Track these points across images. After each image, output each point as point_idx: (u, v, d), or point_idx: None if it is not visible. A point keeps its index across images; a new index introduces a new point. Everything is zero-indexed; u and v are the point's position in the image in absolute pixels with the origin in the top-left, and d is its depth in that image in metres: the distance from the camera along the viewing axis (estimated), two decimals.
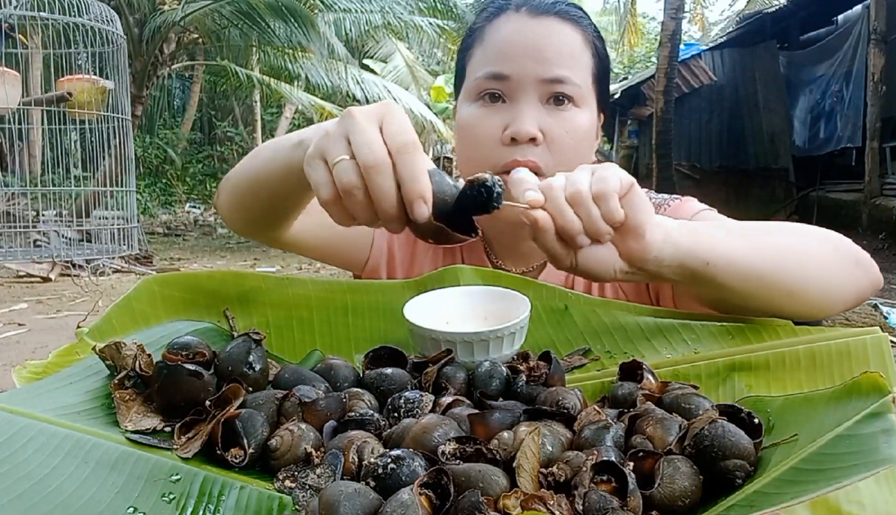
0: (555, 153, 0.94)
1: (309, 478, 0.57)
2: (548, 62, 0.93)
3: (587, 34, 0.98)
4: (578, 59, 0.96)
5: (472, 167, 0.98)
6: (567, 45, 0.95)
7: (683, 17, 11.50)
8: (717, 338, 0.78)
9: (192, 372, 0.65)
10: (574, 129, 0.95)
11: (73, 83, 5.32)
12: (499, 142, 0.94)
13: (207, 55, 12.24)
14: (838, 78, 10.47)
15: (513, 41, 0.96)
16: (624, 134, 14.33)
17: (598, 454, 0.54)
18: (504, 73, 0.94)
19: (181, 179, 17.03)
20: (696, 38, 17.97)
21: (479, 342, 0.78)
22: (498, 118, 0.95)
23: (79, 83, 5.33)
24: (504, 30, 0.97)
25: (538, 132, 0.93)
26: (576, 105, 0.95)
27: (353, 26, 11.12)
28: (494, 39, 0.98)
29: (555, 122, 0.94)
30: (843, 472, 0.48)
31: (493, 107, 0.96)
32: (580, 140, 0.96)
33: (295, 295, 0.91)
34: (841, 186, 10.60)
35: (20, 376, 0.71)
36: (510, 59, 0.95)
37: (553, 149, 0.94)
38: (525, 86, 0.94)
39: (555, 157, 0.94)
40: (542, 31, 0.95)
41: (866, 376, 0.57)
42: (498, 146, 0.94)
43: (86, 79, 5.44)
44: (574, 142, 0.95)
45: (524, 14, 0.97)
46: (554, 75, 0.93)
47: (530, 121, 0.92)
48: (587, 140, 0.98)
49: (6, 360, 3.73)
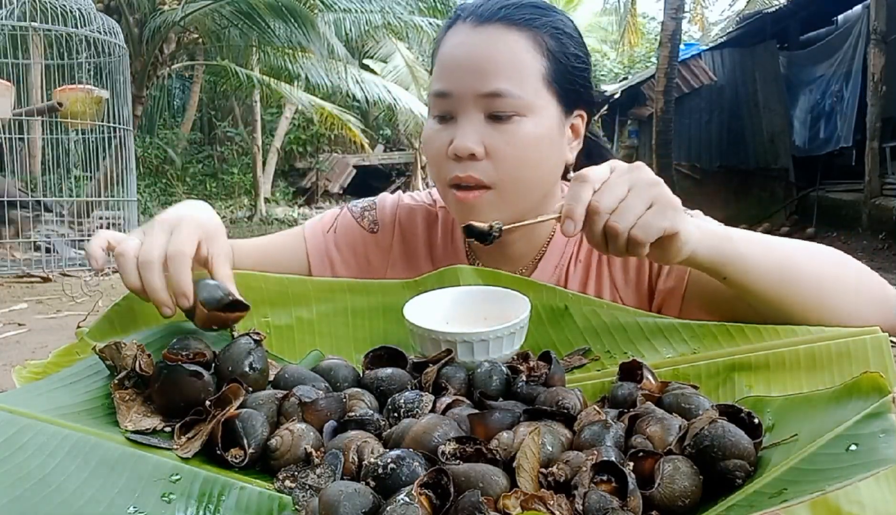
0: (499, 165, 0.93)
1: (309, 478, 0.57)
2: (485, 76, 0.91)
3: (538, 35, 0.94)
4: (522, 67, 0.92)
5: (433, 177, 1.01)
6: (508, 55, 0.92)
7: (683, 17, 11.50)
8: (717, 338, 0.78)
9: (193, 373, 0.65)
10: (519, 140, 0.92)
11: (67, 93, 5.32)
12: (446, 158, 0.95)
13: (207, 55, 12.24)
14: (838, 78, 10.46)
15: (455, 56, 0.95)
16: (624, 134, 14.32)
17: (598, 454, 0.54)
18: (446, 90, 0.94)
19: (181, 179, 17.03)
20: (696, 38, 17.97)
21: (479, 342, 0.78)
22: (445, 135, 0.95)
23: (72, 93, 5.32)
24: (450, 43, 0.97)
25: (477, 148, 0.92)
26: (521, 115, 0.92)
27: (353, 26, 11.10)
28: (442, 54, 0.98)
29: (498, 136, 0.92)
30: (843, 472, 0.48)
31: (443, 125, 0.96)
32: (527, 149, 0.93)
33: (295, 295, 0.91)
34: (841, 186, 10.58)
35: (20, 376, 0.71)
36: (451, 76, 0.94)
37: (497, 163, 0.93)
38: (465, 102, 0.93)
39: (499, 169, 0.93)
40: (481, 43, 0.93)
41: (866, 376, 0.57)
42: (446, 161, 0.95)
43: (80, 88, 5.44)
44: (520, 153, 0.93)
45: (468, 25, 0.95)
46: (491, 89, 0.91)
47: (469, 137, 0.92)
48: (538, 146, 0.94)
49: (6, 360, 3.73)
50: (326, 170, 19.29)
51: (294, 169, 19.82)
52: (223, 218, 11.49)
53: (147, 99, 10.60)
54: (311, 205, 17.93)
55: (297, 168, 19.77)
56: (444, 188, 0.98)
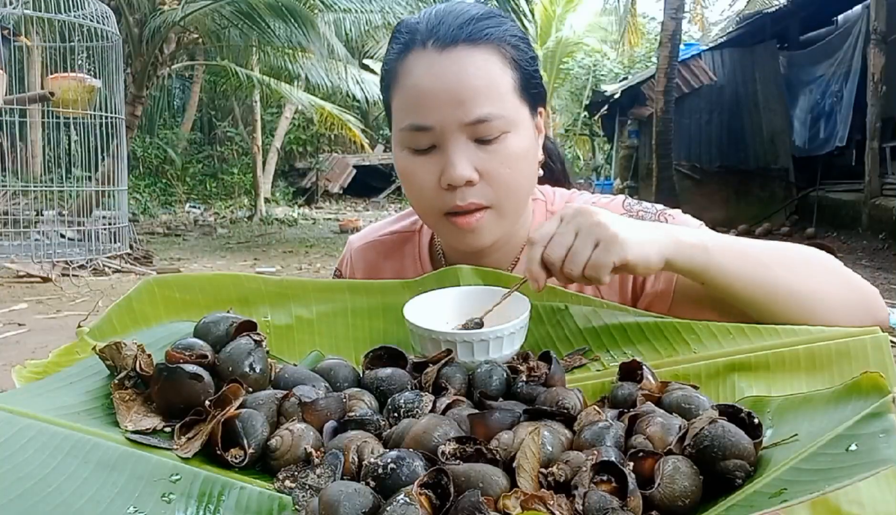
0: (496, 186, 0.93)
1: (309, 478, 0.57)
2: (466, 104, 0.89)
3: (502, 49, 0.93)
4: (497, 85, 0.92)
5: (419, 208, 1.00)
6: (481, 78, 0.90)
7: (683, 17, 11.50)
8: (717, 338, 0.78)
9: (193, 375, 0.65)
10: (510, 158, 0.92)
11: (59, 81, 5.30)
12: (437, 188, 0.93)
13: (207, 55, 12.23)
14: (838, 78, 10.46)
15: (426, 88, 0.91)
16: (624, 134, 14.32)
17: (598, 454, 0.54)
18: (425, 124, 0.91)
19: (181, 179, 17.03)
20: (696, 38, 17.96)
21: (479, 342, 0.78)
22: (432, 165, 0.93)
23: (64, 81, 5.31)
24: (416, 73, 0.92)
25: (473, 174, 0.91)
26: (506, 132, 0.92)
27: (353, 26, 11.09)
28: (408, 86, 0.93)
29: (489, 157, 0.92)
30: (843, 472, 0.48)
31: (424, 157, 0.94)
32: (519, 165, 0.94)
33: (295, 295, 0.91)
34: (841, 186, 10.58)
35: (20, 376, 0.71)
36: (428, 109, 0.91)
37: (493, 184, 0.92)
38: (449, 131, 0.90)
39: (496, 190, 0.93)
40: (453, 69, 0.90)
41: (866, 376, 0.57)
42: (438, 192, 0.93)
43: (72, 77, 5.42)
44: (513, 171, 0.93)
45: (432, 50, 0.91)
46: (475, 117, 0.90)
47: (463, 165, 0.90)
48: (527, 158, 0.95)
49: (6, 360, 3.73)
50: (326, 170, 19.29)
51: (294, 169, 19.82)
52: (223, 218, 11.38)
53: (147, 99, 10.60)
54: (311, 205, 17.94)
55: (297, 168, 19.77)
56: (436, 218, 0.97)
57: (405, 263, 1.13)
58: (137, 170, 15.61)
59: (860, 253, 8.27)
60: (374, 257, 1.15)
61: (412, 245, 1.14)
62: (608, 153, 17.69)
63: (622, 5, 16.94)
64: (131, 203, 6.34)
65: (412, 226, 1.16)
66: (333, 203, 18.98)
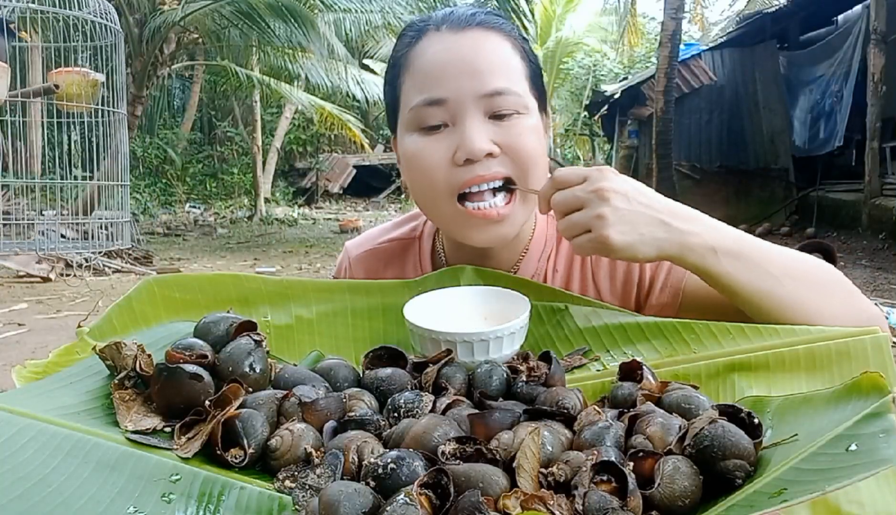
0: (516, 160, 0.90)
1: (309, 478, 0.57)
2: (483, 76, 0.89)
3: (514, 39, 0.94)
4: (512, 66, 0.92)
5: (428, 195, 0.94)
6: (498, 55, 0.91)
7: (683, 17, 11.50)
8: (717, 338, 0.78)
9: (193, 375, 0.65)
10: (524, 136, 0.91)
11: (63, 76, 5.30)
12: (451, 165, 0.90)
13: (207, 55, 12.24)
14: (838, 78, 10.46)
15: (442, 61, 0.91)
16: (624, 134, 14.32)
17: (598, 454, 0.54)
18: (440, 96, 0.89)
19: (181, 179, 17.04)
20: (696, 38, 17.95)
21: (479, 342, 0.78)
22: (445, 143, 0.90)
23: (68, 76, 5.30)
24: (430, 52, 0.92)
25: (492, 146, 0.89)
26: (520, 113, 0.91)
27: (353, 26, 11.10)
28: (422, 64, 0.92)
29: (504, 132, 0.90)
30: (842, 472, 0.48)
31: (437, 135, 0.91)
32: (534, 146, 0.92)
33: (295, 295, 0.91)
34: (841, 186, 10.58)
35: (20, 376, 0.71)
36: (444, 81, 0.90)
37: (513, 157, 0.90)
38: (465, 104, 0.89)
39: (517, 164, 0.90)
40: (469, 45, 0.91)
41: (866, 376, 0.57)
42: (451, 169, 0.90)
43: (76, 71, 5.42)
44: (530, 148, 0.91)
45: (447, 32, 0.92)
46: (492, 88, 0.89)
47: (481, 138, 0.88)
48: (540, 143, 0.94)
49: (6, 360, 3.73)
50: (326, 170, 19.30)
51: (294, 169, 19.83)
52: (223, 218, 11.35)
53: (147, 99, 10.60)
54: (311, 205, 17.95)
55: (297, 168, 19.79)
56: (447, 201, 0.92)
57: (406, 270, 1.11)
58: (137, 170, 15.59)
59: (860, 253, 8.27)
60: (375, 265, 1.13)
61: (413, 251, 1.12)
62: (608, 153, 17.69)
63: (622, 5, 16.94)
64: (131, 203, 6.33)
65: (412, 232, 1.14)
66: (333, 203, 18.99)
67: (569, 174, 0.81)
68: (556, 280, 1.03)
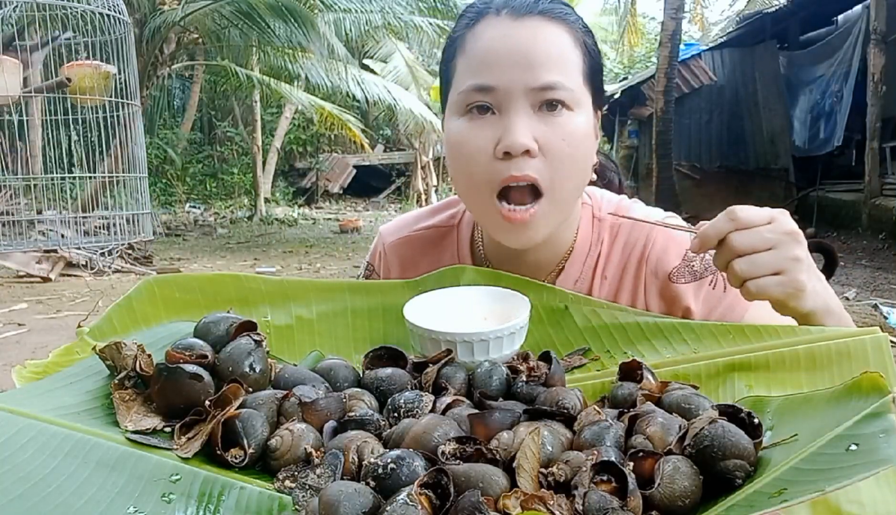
0: (552, 162, 0.88)
1: (309, 478, 0.57)
2: (536, 68, 0.87)
3: (575, 31, 0.92)
4: (568, 59, 0.90)
5: (468, 185, 0.93)
6: (555, 47, 0.89)
7: (683, 17, 11.50)
8: (717, 338, 0.78)
9: (193, 375, 0.65)
10: (570, 135, 0.89)
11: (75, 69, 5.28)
12: (492, 157, 0.89)
13: (207, 55, 12.23)
14: (838, 78, 10.46)
15: (496, 49, 0.89)
16: (624, 134, 14.32)
17: (598, 454, 0.54)
18: (490, 84, 0.88)
19: (181, 179, 17.02)
20: (696, 38, 17.95)
21: (479, 342, 0.79)
22: (489, 131, 0.89)
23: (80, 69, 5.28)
24: (486, 37, 0.91)
25: (532, 143, 0.87)
26: (569, 109, 0.89)
27: (353, 26, 11.09)
28: (477, 48, 0.91)
29: (549, 130, 0.88)
30: (843, 472, 0.48)
31: (482, 121, 0.90)
32: (578, 145, 0.90)
33: (295, 295, 0.91)
34: (841, 186, 10.59)
35: (20, 376, 0.71)
36: (495, 69, 0.88)
37: (550, 159, 0.88)
38: (514, 96, 0.88)
39: (552, 167, 0.89)
40: (526, 35, 0.89)
41: (866, 376, 0.57)
42: (491, 161, 0.89)
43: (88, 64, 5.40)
44: (571, 149, 0.89)
45: (506, 17, 0.90)
46: (544, 82, 0.87)
47: (523, 132, 0.87)
48: (585, 143, 0.92)
49: (6, 360, 3.73)
50: (326, 170, 19.29)
51: (294, 169, 19.82)
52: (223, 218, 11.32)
53: (147, 99, 10.60)
54: (311, 205, 17.95)
55: (297, 168, 19.78)
56: (487, 196, 0.90)
57: (443, 259, 1.08)
58: None
59: (860, 253, 8.27)
60: (411, 253, 1.10)
61: (451, 240, 1.10)
62: (608, 153, 17.67)
63: (622, 5, 16.94)
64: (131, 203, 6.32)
65: (450, 220, 1.11)
66: (333, 203, 18.99)
67: (752, 214, 0.78)
68: (605, 288, 1.01)
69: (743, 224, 0.77)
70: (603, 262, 1.02)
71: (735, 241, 0.76)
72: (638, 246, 1.00)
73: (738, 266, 0.76)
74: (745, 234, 0.77)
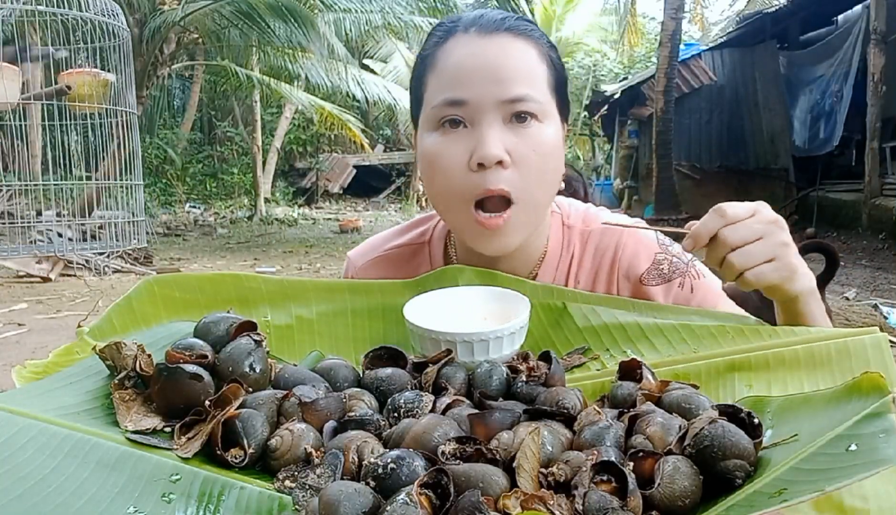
0: (523, 172, 0.91)
1: (309, 478, 0.57)
2: (505, 82, 0.91)
3: (541, 46, 0.96)
4: (535, 73, 0.93)
5: (444, 196, 0.95)
6: (523, 61, 0.93)
7: (683, 17, 11.50)
8: (717, 338, 0.78)
9: (193, 375, 0.65)
10: (540, 145, 0.92)
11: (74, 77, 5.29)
12: (466, 169, 0.91)
13: (207, 55, 12.23)
14: (838, 78, 10.46)
15: (467, 64, 0.92)
16: (624, 134, 14.31)
17: (598, 454, 0.54)
18: (462, 98, 0.91)
19: (181, 179, 17.02)
20: (696, 38, 17.94)
21: (479, 342, 0.79)
22: (462, 144, 0.91)
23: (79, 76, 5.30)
24: (456, 53, 0.94)
25: (505, 154, 0.90)
26: (539, 120, 0.92)
27: (353, 26, 11.09)
28: (448, 65, 0.94)
29: (520, 141, 0.91)
30: (843, 472, 0.48)
31: (455, 134, 0.92)
32: (547, 155, 0.93)
33: (295, 295, 0.91)
34: (841, 186, 10.58)
35: (20, 376, 0.71)
36: (466, 84, 0.91)
37: (521, 169, 0.91)
38: (485, 109, 0.90)
39: (524, 176, 0.91)
40: (495, 50, 0.92)
41: (866, 376, 0.57)
42: (466, 174, 0.91)
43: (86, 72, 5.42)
44: (542, 159, 0.92)
45: (474, 35, 0.94)
46: (514, 95, 0.90)
47: (495, 143, 0.89)
48: (555, 153, 0.95)
49: (6, 360, 3.73)
50: (326, 170, 19.29)
51: (294, 169, 19.82)
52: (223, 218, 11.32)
53: (147, 99, 10.60)
54: (311, 205, 17.95)
55: (297, 168, 19.78)
56: (463, 207, 0.93)
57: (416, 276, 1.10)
58: None
59: (860, 253, 8.27)
60: (382, 274, 1.11)
61: (423, 257, 1.12)
62: (608, 153, 17.69)
63: (622, 5, 16.94)
64: (131, 202, 6.32)
65: (420, 237, 1.14)
66: (333, 203, 18.99)
67: (738, 209, 0.81)
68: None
69: (731, 219, 0.80)
70: (575, 268, 1.06)
71: (728, 237, 0.79)
72: (609, 251, 1.04)
73: (735, 259, 0.79)
74: (735, 228, 0.80)
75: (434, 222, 1.14)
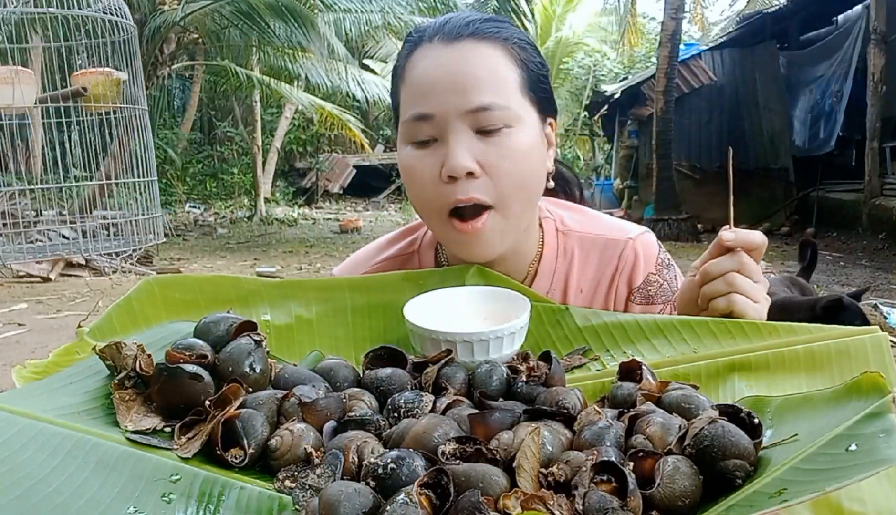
0: (497, 181, 0.91)
1: (309, 478, 0.57)
2: (468, 92, 0.90)
3: (508, 47, 0.94)
4: (501, 78, 0.92)
5: (422, 208, 0.97)
6: (485, 68, 0.91)
7: (683, 17, 11.51)
8: (717, 338, 0.78)
9: (193, 375, 0.65)
10: (512, 152, 0.91)
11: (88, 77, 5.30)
12: (439, 181, 0.92)
13: (207, 55, 12.23)
14: (838, 78, 10.46)
15: (430, 76, 0.92)
16: (624, 134, 14.31)
17: (598, 454, 0.54)
18: (427, 112, 0.91)
19: (181, 179, 17.01)
20: (696, 38, 17.94)
21: (479, 342, 0.78)
22: (434, 157, 0.92)
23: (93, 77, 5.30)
24: (420, 65, 0.94)
25: (474, 165, 0.90)
26: (509, 126, 0.91)
27: (353, 26, 11.10)
28: (414, 77, 0.94)
29: (491, 150, 0.91)
30: (843, 472, 0.48)
31: (427, 149, 0.93)
32: (521, 161, 0.92)
33: (295, 295, 0.91)
34: (841, 186, 10.59)
35: (20, 376, 0.71)
36: (430, 97, 0.91)
37: (494, 178, 0.91)
38: (451, 121, 0.90)
39: (498, 185, 0.91)
40: (457, 59, 0.91)
41: (866, 376, 0.57)
42: (439, 185, 0.92)
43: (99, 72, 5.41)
44: (515, 166, 0.92)
45: (438, 44, 0.93)
46: (477, 105, 0.90)
47: (463, 155, 0.89)
48: (531, 157, 0.94)
49: (6, 360, 3.73)
50: (326, 170, 19.28)
51: (294, 169, 19.82)
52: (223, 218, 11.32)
53: (147, 99, 10.59)
54: (311, 205, 17.94)
55: (297, 168, 19.77)
56: (439, 217, 0.94)
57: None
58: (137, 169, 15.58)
59: (860, 253, 8.27)
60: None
61: (413, 267, 1.11)
62: (608, 153, 17.68)
63: (622, 5, 16.94)
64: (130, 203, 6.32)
65: (409, 247, 1.13)
66: (333, 203, 18.98)
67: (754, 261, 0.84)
68: (580, 300, 1.06)
69: (747, 271, 0.82)
70: (577, 276, 1.06)
71: (739, 287, 0.82)
72: (612, 261, 1.05)
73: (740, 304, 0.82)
74: (746, 280, 0.82)
75: (423, 231, 1.14)
